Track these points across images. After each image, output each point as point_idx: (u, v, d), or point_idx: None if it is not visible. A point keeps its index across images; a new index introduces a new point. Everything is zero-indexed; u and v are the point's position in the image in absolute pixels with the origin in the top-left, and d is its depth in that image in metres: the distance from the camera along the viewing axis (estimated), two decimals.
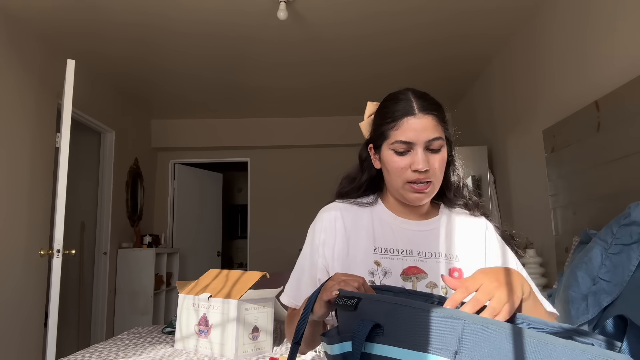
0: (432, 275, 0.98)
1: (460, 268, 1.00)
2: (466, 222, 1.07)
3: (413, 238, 1.03)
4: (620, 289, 1.48)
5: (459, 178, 1.09)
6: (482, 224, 1.08)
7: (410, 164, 0.97)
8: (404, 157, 0.97)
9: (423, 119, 0.96)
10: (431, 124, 0.97)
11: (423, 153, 0.96)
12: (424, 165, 0.95)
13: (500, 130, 3.65)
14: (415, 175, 0.97)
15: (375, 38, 3.36)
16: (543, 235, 2.87)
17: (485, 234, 1.06)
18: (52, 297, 2.54)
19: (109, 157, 4.32)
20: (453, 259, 1.01)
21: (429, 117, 0.97)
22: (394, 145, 0.98)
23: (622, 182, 2.04)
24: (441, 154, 0.98)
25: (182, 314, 1.55)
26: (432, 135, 0.96)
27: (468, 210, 1.09)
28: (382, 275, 0.97)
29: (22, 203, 2.99)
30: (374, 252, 1.00)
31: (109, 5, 2.84)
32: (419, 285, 0.97)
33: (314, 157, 5.55)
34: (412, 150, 0.97)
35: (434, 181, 0.99)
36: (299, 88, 4.45)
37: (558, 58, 2.70)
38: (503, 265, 1.03)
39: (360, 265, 0.99)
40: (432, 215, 1.09)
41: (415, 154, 0.96)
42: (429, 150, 0.97)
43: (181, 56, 3.63)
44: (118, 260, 4.43)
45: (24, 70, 3.04)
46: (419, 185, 0.97)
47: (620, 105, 2.05)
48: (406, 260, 0.99)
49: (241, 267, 7.48)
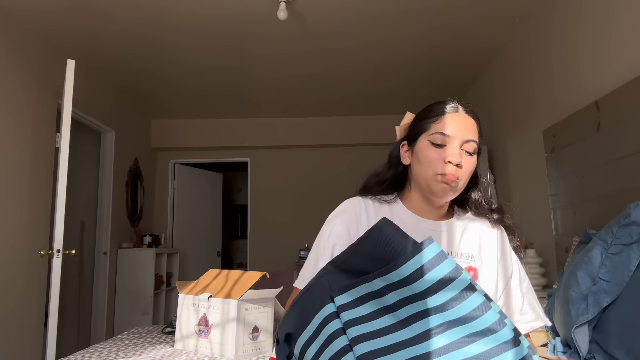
0: None
1: (476, 267, 1.03)
2: (483, 228, 1.10)
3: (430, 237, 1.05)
4: (620, 289, 1.48)
5: (482, 192, 1.12)
6: (498, 233, 1.10)
7: (444, 157, 0.99)
8: (439, 149, 1.01)
9: (466, 118, 1.02)
10: (472, 125, 1.02)
11: (458, 149, 1.00)
12: (458, 159, 0.98)
13: (500, 130, 3.64)
14: (448, 168, 0.99)
15: (376, 39, 3.36)
16: (543, 235, 2.87)
17: (499, 241, 1.09)
18: (52, 297, 2.54)
19: (109, 157, 4.32)
20: (469, 258, 1.04)
21: (471, 119, 1.03)
22: (433, 136, 1.01)
23: (622, 182, 2.04)
24: (473, 158, 1.02)
25: (182, 314, 1.55)
26: (470, 136, 1.01)
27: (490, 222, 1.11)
28: None
29: (22, 203, 2.99)
30: None
31: (108, 5, 2.84)
32: None
33: (314, 157, 5.55)
34: (448, 144, 1.00)
35: (461, 180, 1.01)
36: (299, 88, 4.45)
37: (558, 58, 2.70)
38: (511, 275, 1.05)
39: None
40: (448, 217, 1.12)
41: (451, 148, 1.00)
42: (464, 151, 1.00)
43: (181, 56, 3.64)
44: (118, 260, 4.43)
45: (24, 70, 3.04)
46: (450, 176, 0.99)
47: (620, 105, 2.05)
48: None
49: (241, 267, 7.48)
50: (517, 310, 1.03)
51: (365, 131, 5.34)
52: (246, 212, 5.63)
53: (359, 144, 5.37)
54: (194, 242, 5.68)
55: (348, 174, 5.25)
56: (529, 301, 1.05)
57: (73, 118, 3.17)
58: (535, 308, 1.05)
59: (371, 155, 5.26)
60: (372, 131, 5.30)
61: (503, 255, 1.08)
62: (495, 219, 1.10)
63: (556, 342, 1.68)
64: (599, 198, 2.21)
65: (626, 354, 1.40)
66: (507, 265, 1.07)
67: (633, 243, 1.51)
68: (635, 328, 1.40)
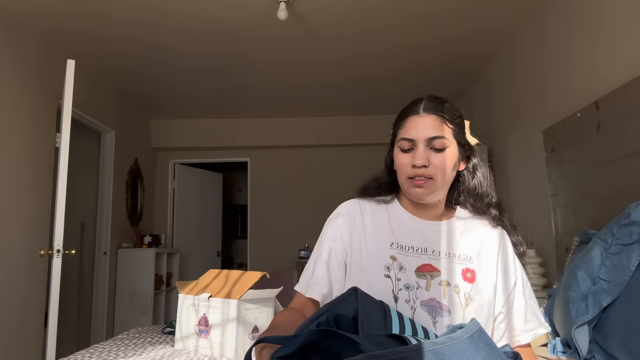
0: (445, 273, 1.00)
1: (474, 269, 1.02)
2: (483, 229, 1.09)
3: (428, 237, 1.05)
4: (620, 289, 1.48)
5: (480, 186, 1.10)
6: (499, 234, 1.09)
7: (411, 161, 1.01)
8: (407, 154, 1.02)
9: (426, 118, 1.01)
10: (434, 123, 1.01)
11: (424, 150, 1.00)
12: (422, 161, 0.99)
13: (500, 130, 3.64)
14: (413, 171, 1.00)
15: (375, 37, 3.36)
16: (543, 235, 2.87)
17: (500, 244, 1.07)
18: (52, 297, 2.54)
19: (109, 157, 4.32)
20: (467, 260, 1.03)
21: (433, 116, 1.01)
22: (400, 143, 1.04)
23: (622, 182, 2.04)
24: (445, 153, 1.01)
25: (182, 314, 1.55)
26: (434, 133, 1.00)
27: (488, 220, 1.10)
28: (398, 270, 0.99)
29: (22, 203, 2.99)
30: (391, 247, 1.03)
31: (108, 5, 2.84)
32: (432, 283, 0.99)
33: (314, 157, 5.55)
34: (415, 148, 1.01)
35: (436, 179, 1.00)
36: (299, 88, 4.45)
37: (558, 58, 2.70)
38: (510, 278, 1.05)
39: (377, 258, 1.01)
40: (448, 217, 1.10)
41: (416, 151, 1.00)
42: (432, 149, 1.00)
43: (181, 56, 3.64)
44: (118, 260, 4.43)
45: (24, 70, 3.04)
46: (417, 180, 1.00)
47: (620, 105, 2.05)
48: (421, 258, 1.01)
49: (241, 267, 7.49)
50: (521, 318, 1.03)
51: (365, 131, 5.34)
52: (246, 212, 5.63)
53: (359, 144, 5.37)
54: (194, 242, 5.68)
55: (348, 173, 5.26)
56: (531, 308, 1.04)
57: (73, 118, 3.17)
58: (538, 314, 1.05)
59: (371, 155, 5.29)
60: (372, 131, 5.30)
61: (505, 259, 1.06)
62: (493, 215, 1.09)
63: (556, 342, 1.68)
64: (599, 198, 2.21)
65: (626, 354, 1.40)
66: (509, 270, 1.05)
67: (633, 243, 1.51)
68: (635, 328, 1.40)
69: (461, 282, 0.99)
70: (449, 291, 0.97)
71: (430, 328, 0.94)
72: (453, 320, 0.95)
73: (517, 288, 1.05)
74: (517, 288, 1.05)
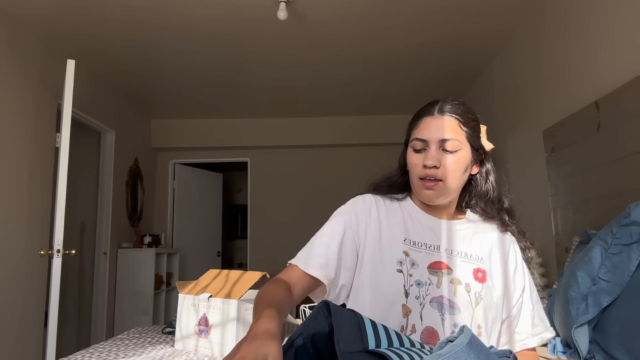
0: (457, 272, 1.01)
1: (485, 270, 1.03)
2: (492, 233, 1.10)
3: (440, 235, 1.06)
4: (620, 289, 1.48)
5: (492, 191, 1.11)
6: (509, 239, 1.10)
7: (422, 161, 1.01)
8: (419, 154, 1.03)
9: (439, 120, 1.02)
10: (448, 125, 1.02)
11: (436, 151, 1.01)
12: (433, 162, 1.00)
13: (501, 130, 3.65)
14: (424, 171, 1.01)
15: (375, 37, 3.36)
16: (543, 235, 2.87)
17: (510, 249, 1.09)
18: (52, 297, 2.54)
19: (109, 157, 4.32)
20: (479, 260, 1.04)
21: (447, 118, 1.02)
22: (412, 143, 1.05)
23: (622, 182, 2.04)
24: (456, 155, 1.01)
25: (182, 314, 1.55)
26: (447, 135, 1.01)
27: (497, 225, 1.11)
28: (410, 266, 1.00)
29: (22, 203, 2.99)
30: (404, 243, 1.03)
31: (108, 5, 2.84)
32: (444, 280, 0.99)
33: (314, 157, 5.55)
34: (427, 149, 1.02)
35: (446, 180, 1.01)
36: (300, 88, 4.45)
37: (558, 58, 2.70)
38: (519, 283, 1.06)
39: (390, 253, 1.01)
40: (459, 218, 1.12)
41: (428, 151, 1.01)
42: (444, 151, 1.01)
43: (181, 56, 3.64)
44: (118, 260, 4.43)
45: (24, 71, 3.04)
46: (427, 181, 1.01)
47: (620, 105, 2.05)
48: (433, 255, 1.02)
49: (241, 267, 7.49)
50: (528, 322, 1.04)
51: (365, 131, 5.34)
52: (246, 212, 5.63)
53: (359, 144, 5.37)
54: (194, 242, 5.68)
55: (348, 173, 5.26)
56: (538, 312, 1.05)
57: (73, 118, 3.17)
58: (544, 319, 1.06)
59: (371, 155, 5.31)
60: (373, 131, 5.30)
61: (514, 264, 1.07)
62: (503, 220, 1.10)
63: (556, 342, 1.68)
64: (599, 198, 2.21)
65: (626, 354, 1.40)
66: (517, 275, 1.06)
67: (633, 243, 1.51)
68: (635, 328, 1.40)
69: (472, 281, 1.00)
70: (460, 289, 0.98)
71: (438, 325, 0.95)
72: (462, 318, 0.96)
73: (525, 293, 1.06)
74: (525, 293, 1.06)
